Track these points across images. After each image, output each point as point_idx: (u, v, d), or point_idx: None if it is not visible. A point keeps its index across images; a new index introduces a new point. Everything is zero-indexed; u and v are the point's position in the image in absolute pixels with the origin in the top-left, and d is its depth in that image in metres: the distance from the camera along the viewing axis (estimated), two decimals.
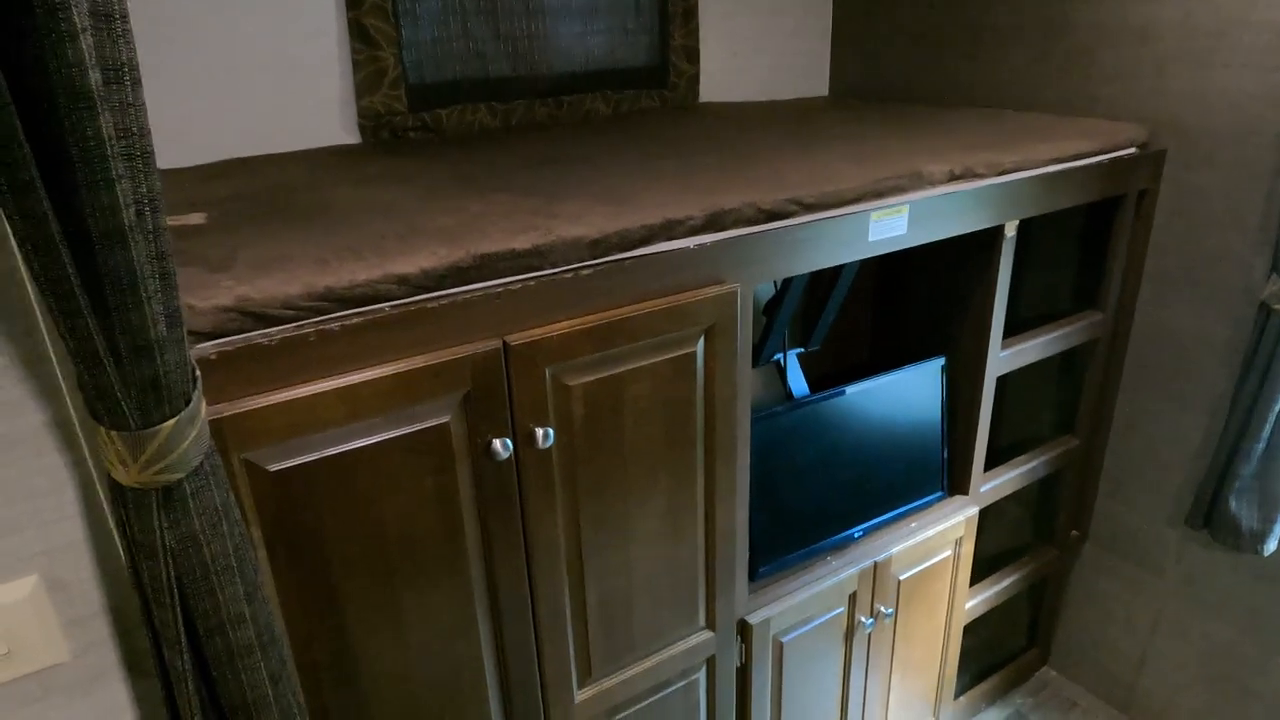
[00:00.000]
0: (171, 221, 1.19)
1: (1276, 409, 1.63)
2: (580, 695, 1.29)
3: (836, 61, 2.43)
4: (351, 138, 1.80)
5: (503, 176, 1.39)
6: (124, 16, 0.53)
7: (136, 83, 0.57)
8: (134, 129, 0.55)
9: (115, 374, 0.58)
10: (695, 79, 2.22)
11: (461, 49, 1.89)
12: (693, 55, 2.19)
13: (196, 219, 1.21)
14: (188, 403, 0.65)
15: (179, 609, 0.67)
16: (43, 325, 0.66)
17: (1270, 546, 1.73)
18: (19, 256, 0.57)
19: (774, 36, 2.33)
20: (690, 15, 2.14)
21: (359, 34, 1.73)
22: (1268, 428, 1.65)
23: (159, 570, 0.65)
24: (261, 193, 1.36)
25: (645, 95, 2.16)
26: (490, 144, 1.76)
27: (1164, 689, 2.07)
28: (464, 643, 1.13)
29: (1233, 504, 1.74)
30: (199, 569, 0.68)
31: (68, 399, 0.69)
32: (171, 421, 0.63)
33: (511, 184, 1.32)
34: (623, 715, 1.37)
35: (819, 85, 2.46)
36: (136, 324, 0.57)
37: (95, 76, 0.50)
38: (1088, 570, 2.18)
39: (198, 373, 0.68)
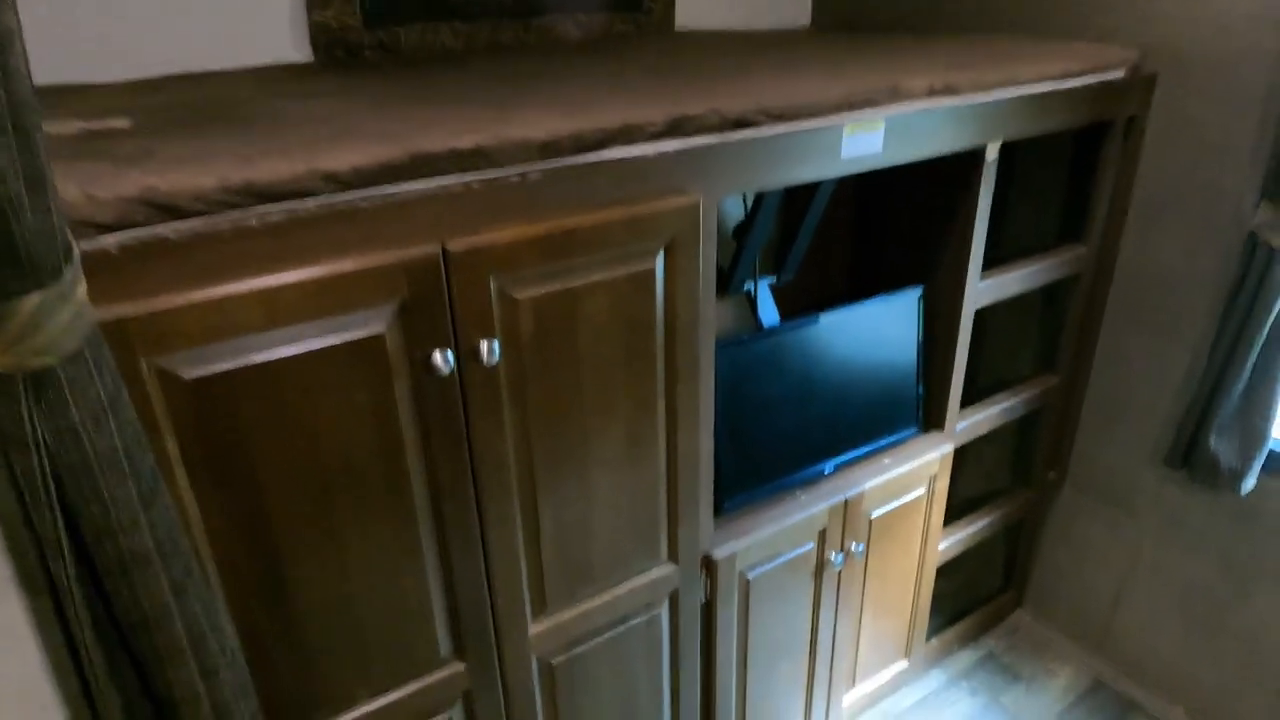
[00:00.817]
0: (92, 125, 1.10)
1: (1260, 343, 1.59)
2: (535, 628, 1.25)
3: None
4: (304, 56, 1.70)
5: (459, 91, 1.30)
6: None
7: None
8: None
9: None
10: (671, 4, 2.12)
11: None
12: None
13: (119, 123, 1.13)
14: (57, 278, 0.58)
15: (58, 511, 0.61)
16: None
17: (1248, 485, 1.70)
18: None
19: None
20: None
21: None
22: (1250, 363, 1.61)
23: (31, 465, 0.59)
24: (196, 103, 1.27)
25: (618, 19, 2.06)
26: (450, 65, 1.67)
27: (1138, 630, 2.06)
28: (408, 569, 1.08)
29: (1212, 442, 1.70)
30: (80, 467, 0.61)
31: None
32: (36, 296, 0.56)
33: (467, 98, 1.24)
34: (581, 649, 1.33)
35: (801, 15, 2.36)
36: None
37: None
38: (1064, 512, 2.15)
39: (74, 248, 0.61)
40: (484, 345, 1.01)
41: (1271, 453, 1.68)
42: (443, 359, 0.98)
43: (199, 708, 0.75)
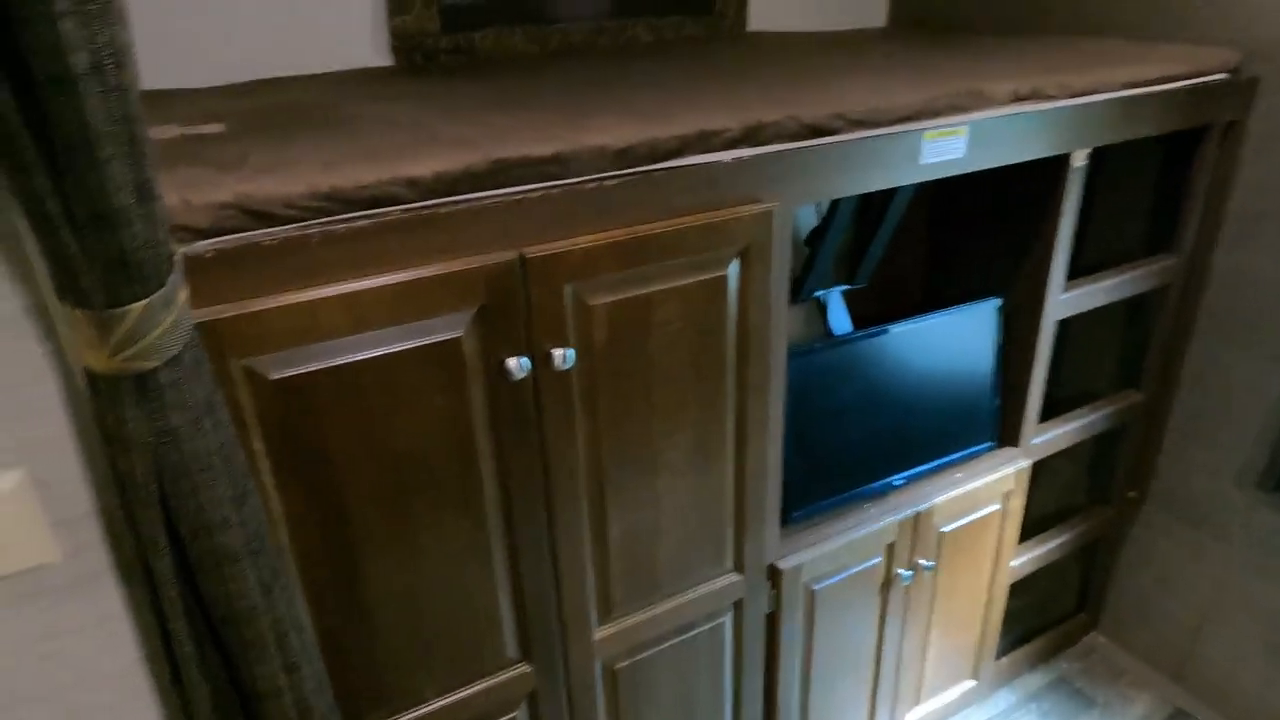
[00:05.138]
0: (188, 130, 1.15)
1: None
2: (600, 633, 1.25)
3: None
4: (383, 60, 1.74)
5: (534, 97, 1.32)
6: None
7: None
8: None
9: (75, 243, 0.53)
10: (743, 6, 2.10)
11: None
12: None
13: (214, 128, 1.17)
14: (161, 285, 0.60)
15: (158, 508, 0.63)
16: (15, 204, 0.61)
17: None
18: None
19: None
20: None
21: None
22: None
23: (133, 465, 0.61)
24: (284, 108, 1.31)
25: (690, 22, 2.06)
26: (525, 69, 1.68)
27: (1222, 660, 1.96)
28: (478, 570, 1.09)
29: None
30: (178, 467, 0.64)
31: (44, 284, 0.65)
32: (142, 303, 0.58)
33: (543, 103, 1.25)
34: (645, 655, 1.33)
35: (877, 15, 2.32)
36: (94, 188, 0.52)
37: None
38: (1145, 533, 2.06)
39: (176, 255, 0.64)
40: (558, 351, 1.01)
41: None
42: (517, 364, 0.99)
43: (282, 701, 0.77)
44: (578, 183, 1.00)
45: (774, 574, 1.43)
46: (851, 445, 1.52)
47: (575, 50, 1.92)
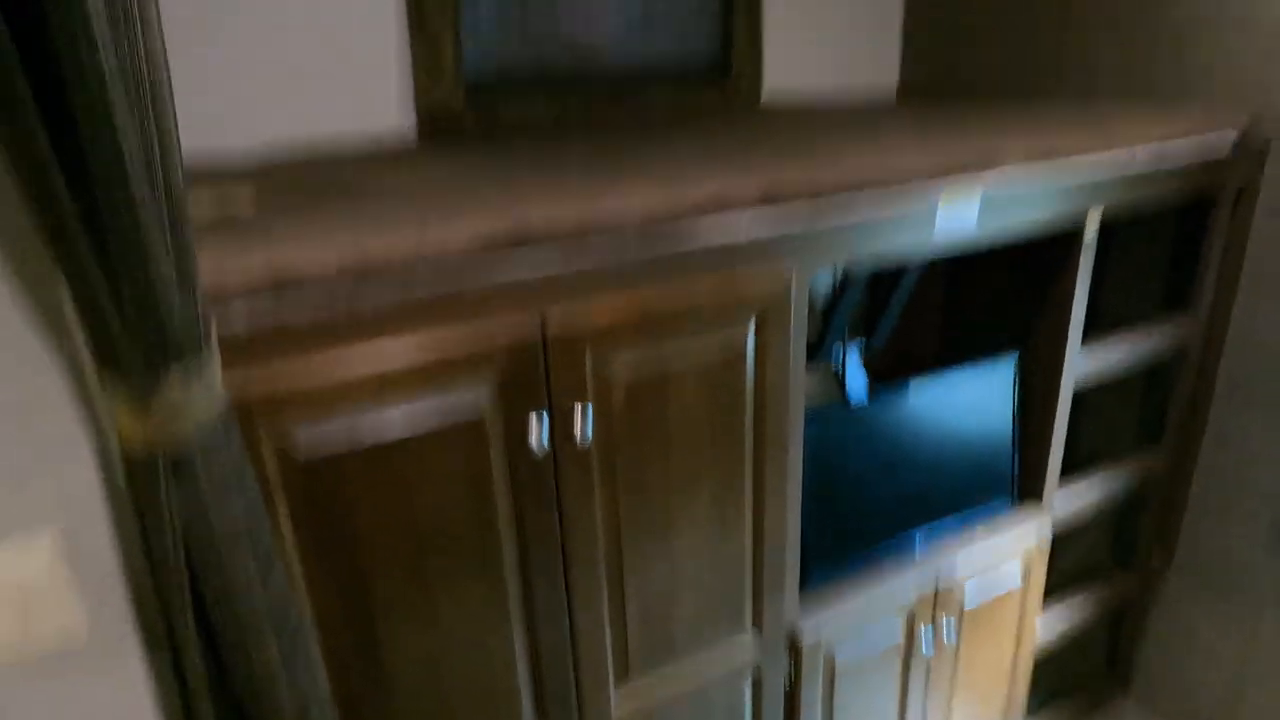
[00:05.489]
0: (219, 196, 1.19)
1: None
2: (616, 697, 1.24)
3: (908, 56, 2.34)
4: (409, 127, 1.80)
5: (555, 164, 1.36)
6: None
7: (149, 26, 0.55)
8: (140, 56, 0.52)
9: (118, 320, 0.55)
10: (758, 75, 2.16)
11: (520, 42, 1.87)
12: (756, 51, 2.13)
13: (244, 194, 1.21)
14: (197, 355, 0.62)
15: (185, 578, 0.64)
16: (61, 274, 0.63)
17: None
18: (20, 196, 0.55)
19: (841, 30, 2.25)
20: (754, 10, 2.09)
21: (418, 23, 1.73)
22: None
23: (163, 535, 0.63)
24: (313, 176, 1.36)
25: (707, 90, 2.11)
26: (546, 137, 1.73)
27: None
28: (496, 638, 1.09)
29: None
30: (206, 538, 0.65)
31: (86, 353, 0.67)
32: (178, 376, 0.60)
33: (564, 172, 1.29)
34: (661, 718, 1.31)
35: (889, 81, 2.37)
36: (138, 268, 0.54)
37: (95, 3, 0.48)
38: (1173, 597, 2.02)
39: (212, 330, 0.66)
40: (577, 420, 1.03)
41: None
42: (537, 432, 1.00)
43: None
44: (599, 251, 1.02)
45: (792, 641, 1.41)
46: (870, 505, 1.51)
47: (595, 118, 1.97)
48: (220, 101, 1.56)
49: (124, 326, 0.56)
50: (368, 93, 1.73)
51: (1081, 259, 1.49)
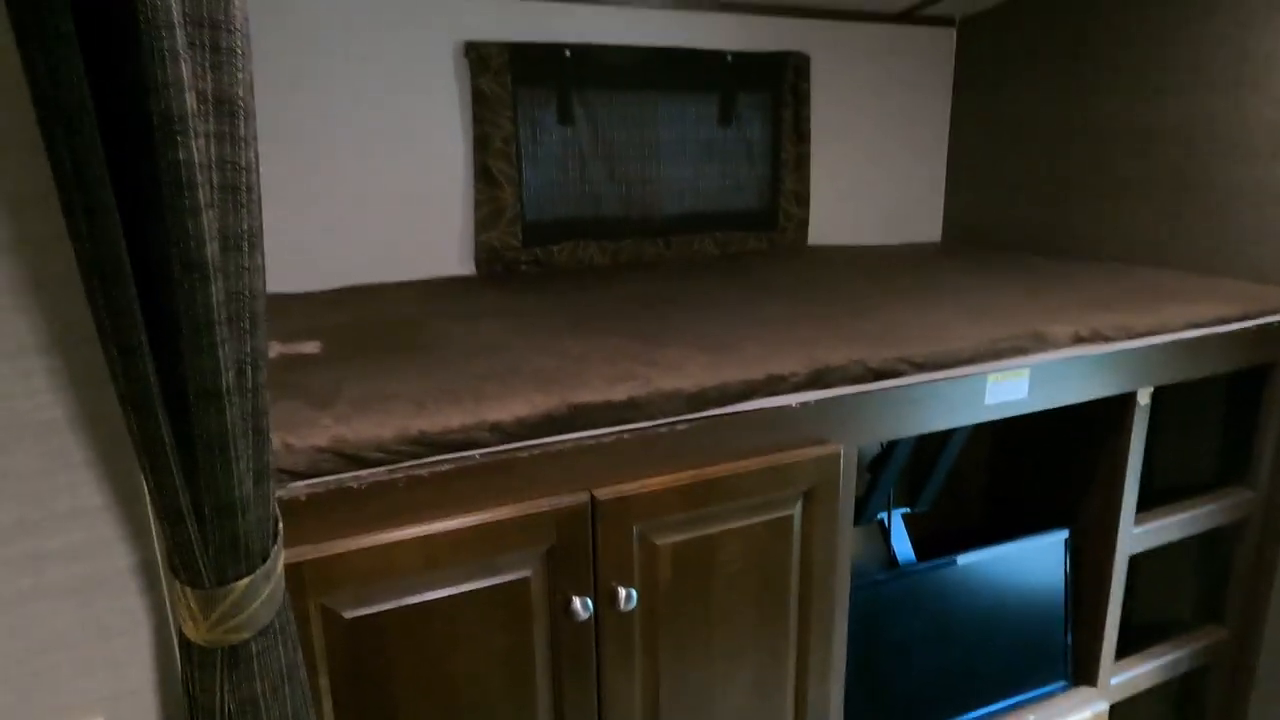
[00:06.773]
0: (286, 350, 1.23)
1: None
2: None
3: (950, 208, 2.40)
4: (467, 270, 1.88)
5: (607, 316, 1.40)
6: (250, 189, 0.55)
7: (255, 247, 0.59)
8: (245, 292, 0.56)
9: (196, 532, 0.57)
10: (804, 222, 2.22)
11: (577, 190, 1.96)
12: (803, 200, 2.20)
13: (311, 348, 1.26)
14: (265, 559, 0.63)
15: None
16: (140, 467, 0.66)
17: None
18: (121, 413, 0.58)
19: (886, 182, 2.33)
20: (803, 162, 2.17)
21: (483, 175, 1.83)
22: None
23: None
24: (376, 324, 1.41)
25: (754, 237, 2.18)
26: (598, 280, 1.79)
27: None
28: None
29: None
30: None
31: (156, 543, 0.69)
32: (246, 580, 0.61)
33: (615, 325, 1.32)
34: None
35: (932, 231, 2.43)
36: (223, 484, 0.57)
37: (213, 248, 0.52)
38: None
39: (280, 527, 0.68)
40: (622, 592, 1.02)
41: None
42: (581, 604, 0.99)
43: None
44: (650, 426, 1.04)
45: None
46: (916, 681, 1.45)
47: (646, 262, 2.04)
48: (293, 243, 1.65)
49: (201, 536, 0.58)
50: (433, 237, 1.82)
51: (1134, 431, 1.47)
